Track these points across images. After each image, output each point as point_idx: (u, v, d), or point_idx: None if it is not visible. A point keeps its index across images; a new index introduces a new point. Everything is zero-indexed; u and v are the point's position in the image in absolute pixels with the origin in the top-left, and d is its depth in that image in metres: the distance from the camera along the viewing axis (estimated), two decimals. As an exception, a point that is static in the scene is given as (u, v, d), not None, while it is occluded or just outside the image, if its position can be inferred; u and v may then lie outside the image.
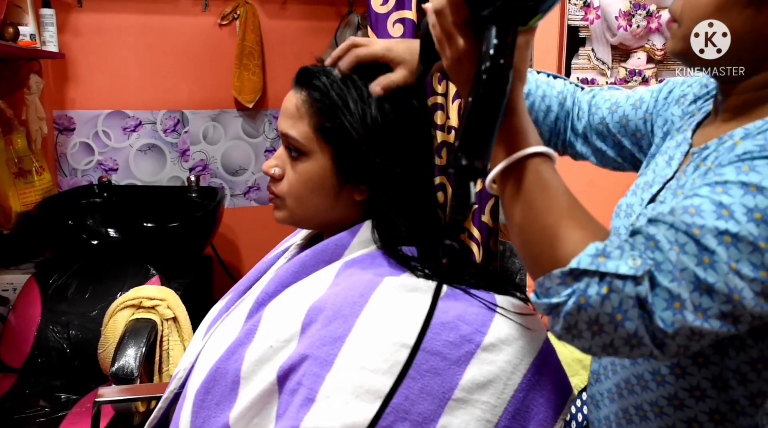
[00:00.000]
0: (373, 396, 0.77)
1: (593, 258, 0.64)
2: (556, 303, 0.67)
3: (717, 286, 0.64)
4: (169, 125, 3.12)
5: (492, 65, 0.62)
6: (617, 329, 0.65)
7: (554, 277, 0.66)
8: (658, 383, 0.85)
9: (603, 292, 0.64)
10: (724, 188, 0.67)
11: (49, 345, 2.20)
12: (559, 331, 0.68)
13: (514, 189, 0.70)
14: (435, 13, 0.70)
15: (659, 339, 0.65)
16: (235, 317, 0.96)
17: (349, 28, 3.19)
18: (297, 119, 0.93)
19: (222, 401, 0.87)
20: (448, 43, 0.70)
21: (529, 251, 0.71)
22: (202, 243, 2.85)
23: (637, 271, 0.63)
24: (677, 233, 0.66)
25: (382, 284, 0.85)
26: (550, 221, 0.68)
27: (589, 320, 0.65)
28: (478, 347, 0.82)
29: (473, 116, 0.62)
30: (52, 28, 2.62)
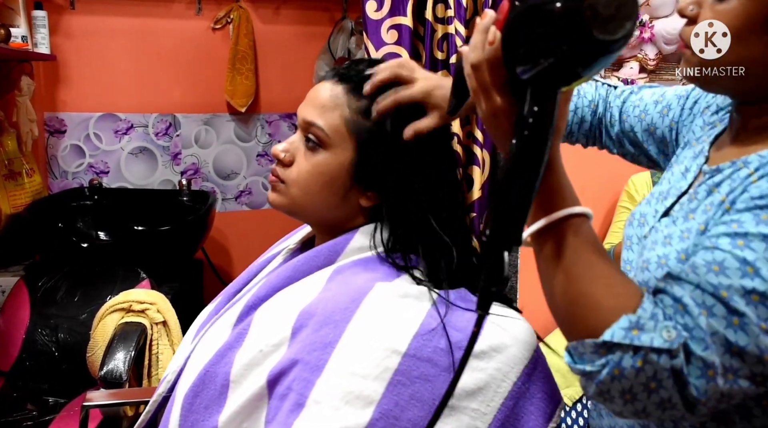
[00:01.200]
0: (363, 401, 0.77)
1: (627, 332, 0.64)
2: (590, 371, 0.66)
3: (748, 348, 0.63)
4: (161, 128, 3.11)
5: (531, 133, 0.60)
6: (650, 396, 0.65)
7: (588, 345, 0.66)
8: None
9: (637, 365, 0.64)
10: (746, 241, 0.66)
11: (38, 348, 2.19)
12: (591, 394, 0.68)
13: (549, 251, 0.69)
14: (472, 67, 0.68)
15: (691, 403, 0.65)
16: (225, 320, 0.95)
17: (342, 34, 3.20)
18: (329, 110, 0.92)
19: (211, 405, 0.87)
20: (484, 99, 0.68)
21: (563, 314, 0.71)
22: (193, 247, 2.84)
23: (672, 344, 0.63)
24: (704, 294, 0.65)
25: (373, 290, 0.85)
26: (585, 288, 0.67)
27: (623, 390, 0.65)
28: (469, 354, 0.82)
29: (511, 185, 0.61)
30: (44, 30, 2.61)
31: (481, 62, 0.67)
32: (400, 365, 0.79)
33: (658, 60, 2.37)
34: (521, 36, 0.61)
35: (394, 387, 0.78)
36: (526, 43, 0.60)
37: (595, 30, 0.54)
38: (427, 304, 0.85)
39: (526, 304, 2.30)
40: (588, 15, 0.54)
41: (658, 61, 2.37)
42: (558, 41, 0.56)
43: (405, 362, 0.79)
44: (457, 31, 2.18)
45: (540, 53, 0.59)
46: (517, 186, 0.61)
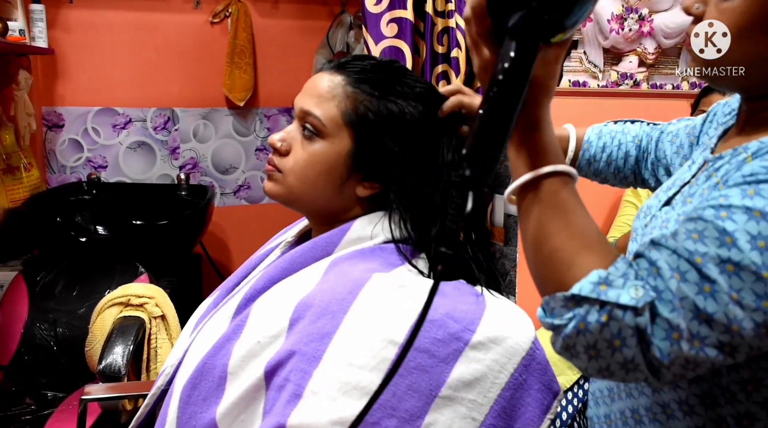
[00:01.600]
0: (360, 392, 0.77)
1: (595, 286, 0.65)
2: (558, 324, 0.67)
3: (716, 316, 0.63)
4: (160, 122, 3.10)
5: (504, 79, 0.61)
6: (614, 354, 0.65)
7: (558, 299, 0.67)
8: (653, 389, 0.85)
9: (602, 320, 0.64)
10: (728, 213, 0.66)
11: (36, 342, 2.19)
12: (558, 349, 0.69)
13: (530, 206, 0.70)
14: (465, 21, 0.70)
15: (655, 366, 0.65)
16: (223, 313, 0.95)
17: (341, 28, 3.19)
18: (326, 99, 0.93)
19: (209, 396, 0.87)
20: (475, 52, 0.70)
21: (538, 269, 0.71)
22: (191, 241, 2.84)
23: (638, 302, 0.64)
24: (679, 259, 0.66)
25: (370, 281, 0.85)
26: (560, 243, 0.68)
27: (587, 344, 0.66)
28: (466, 345, 0.82)
29: (481, 129, 0.61)
30: (42, 24, 2.61)
31: (469, 16, 0.68)
32: (397, 355, 0.79)
33: (658, 54, 2.36)
34: None
35: None
36: None
37: None
38: (425, 294, 0.85)
39: (525, 298, 2.31)
40: None
41: (658, 55, 2.37)
42: None
43: None
44: (458, 25, 2.18)
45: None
46: (486, 132, 0.60)
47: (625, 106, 2.35)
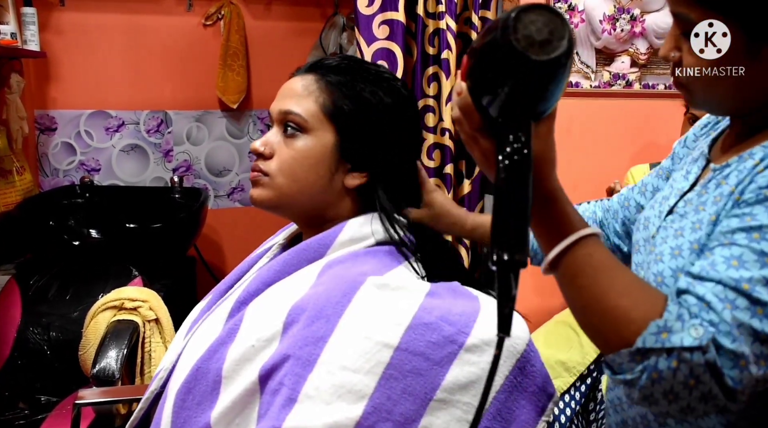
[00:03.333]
0: (354, 396, 0.77)
1: (657, 336, 0.67)
2: (631, 379, 0.69)
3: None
4: (153, 125, 3.10)
5: (510, 162, 0.63)
6: (692, 393, 0.68)
7: (624, 356, 0.69)
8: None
9: (673, 366, 0.67)
10: (761, 234, 0.69)
11: (30, 346, 2.18)
12: (636, 400, 0.71)
13: (569, 275, 0.73)
14: (455, 122, 0.73)
15: (730, 393, 0.67)
16: (216, 316, 0.95)
17: (334, 30, 3.19)
18: (303, 97, 0.95)
19: (203, 401, 0.86)
20: (473, 146, 0.73)
21: (594, 331, 0.74)
22: (185, 244, 2.83)
23: (701, 341, 0.66)
24: (725, 290, 0.68)
25: (365, 284, 0.84)
26: (609, 302, 0.70)
27: (664, 391, 0.68)
28: (461, 348, 0.82)
29: (499, 214, 0.63)
30: (34, 27, 2.60)
31: (459, 116, 0.71)
32: (392, 359, 0.79)
33: (649, 54, 2.37)
34: (480, 79, 0.66)
35: (386, 381, 0.78)
36: (484, 84, 0.65)
37: (533, 54, 0.59)
38: (420, 297, 0.85)
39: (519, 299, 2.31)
40: (523, 43, 0.59)
41: (649, 55, 2.37)
42: (507, 72, 0.61)
43: (397, 356, 0.79)
44: (449, 27, 2.18)
45: (497, 87, 0.63)
46: (506, 216, 0.63)
47: (617, 106, 2.36)
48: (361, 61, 1.01)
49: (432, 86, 2.23)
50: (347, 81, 0.95)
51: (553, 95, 0.64)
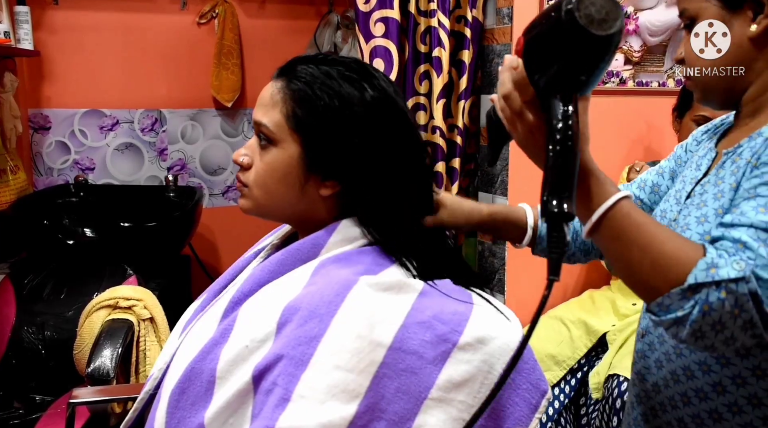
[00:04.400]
0: (348, 395, 0.77)
1: (706, 272, 0.75)
2: (682, 315, 0.76)
3: None
4: (147, 124, 3.09)
5: (564, 123, 0.73)
6: (736, 321, 0.75)
7: (674, 295, 0.76)
8: (703, 372, 0.93)
9: (722, 296, 0.74)
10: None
11: (24, 345, 2.18)
12: (685, 337, 0.78)
13: (611, 234, 0.80)
14: (503, 97, 0.82)
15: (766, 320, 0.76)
16: (210, 316, 0.95)
17: (328, 28, 3.19)
18: (270, 107, 0.93)
19: (197, 401, 0.86)
20: (519, 121, 0.81)
21: (642, 281, 0.80)
22: (180, 243, 2.83)
23: (744, 272, 0.74)
24: (757, 231, 0.77)
25: (358, 284, 0.85)
26: (655, 252, 0.78)
27: (713, 322, 0.75)
28: (454, 346, 0.82)
29: (552, 172, 0.73)
30: (27, 26, 2.59)
31: (509, 91, 0.80)
32: (385, 358, 0.79)
33: (643, 52, 2.38)
34: (538, 53, 0.75)
35: (380, 380, 0.78)
36: (542, 57, 0.74)
37: (592, 29, 0.68)
38: (413, 296, 0.85)
39: (514, 296, 2.32)
40: (584, 20, 0.68)
41: (643, 52, 2.38)
42: (566, 45, 0.70)
43: (390, 355, 0.79)
44: (441, 23, 2.18)
45: (555, 60, 0.72)
46: (562, 170, 0.73)
47: (611, 103, 2.36)
48: (330, 61, 0.95)
49: (423, 84, 2.24)
50: (309, 89, 0.92)
51: (601, 72, 0.74)
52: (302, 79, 0.92)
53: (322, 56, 0.96)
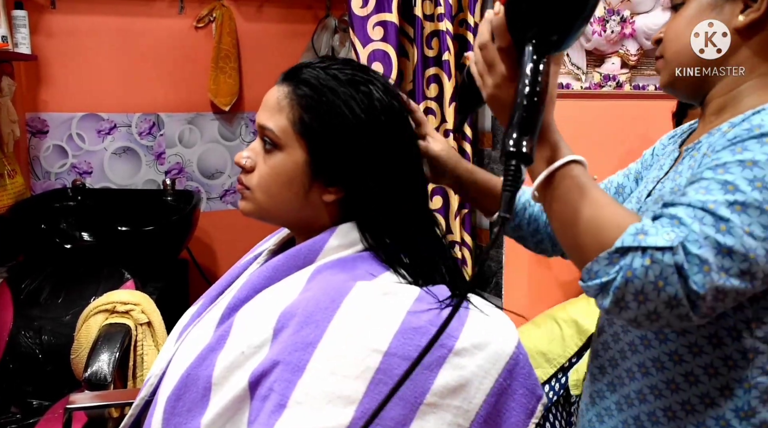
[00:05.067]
0: (344, 401, 0.77)
1: (635, 237, 0.74)
2: (606, 282, 0.76)
3: (735, 248, 0.74)
4: (145, 127, 3.09)
5: (534, 69, 0.75)
6: (660, 294, 0.74)
7: (602, 259, 0.76)
8: (660, 341, 0.93)
9: (646, 263, 0.73)
10: (725, 169, 0.78)
11: (21, 350, 2.18)
12: (607, 305, 0.77)
13: (557, 192, 0.82)
14: (479, 47, 0.83)
15: (693, 300, 0.74)
16: (206, 322, 0.95)
17: (326, 32, 3.19)
18: (276, 112, 0.93)
19: (193, 407, 0.86)
20: (489, 73, 0.83)
21: (575, 243, 0.81)
22: (177, 247, 2.83)
23: (672, 243, 0.73)
24: (694, 210, 0.76)
25: (354, 289, 0.85)
26: (590, 213, 0.79)
27: (636, 291, 0.74)
28: (450, 351, 0.82)
29: (521, 110, 0.75)
30: (25, 30, 2.59)
31: (486, 41, 0.82)
32: (381, 364, 0.79)
33: (640, 56, 2.38)
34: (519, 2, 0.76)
35: (376, 386, 0.78)
36: (525, 4, 0.75)
37: None
38: (408, 301, 0.85)
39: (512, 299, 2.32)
40: None
41: (640, 56, 2.38)
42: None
43: (386, 360, 0.79)
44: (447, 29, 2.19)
45: (535, 5, 0.74)
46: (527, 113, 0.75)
47: (608, 107, 2.37)
48: (338, 65, 0.95)
49: (432, 88, 2.24)
50: (316, 95, 0.91)
51: (577, 31, 0.76)
52: (309, 84, 0.92)
53: (328, 61, 0.96)
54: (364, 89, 0.92)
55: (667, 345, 0.92)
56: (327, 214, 0.96)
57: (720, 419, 0.88)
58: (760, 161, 0.77)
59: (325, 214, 0.96)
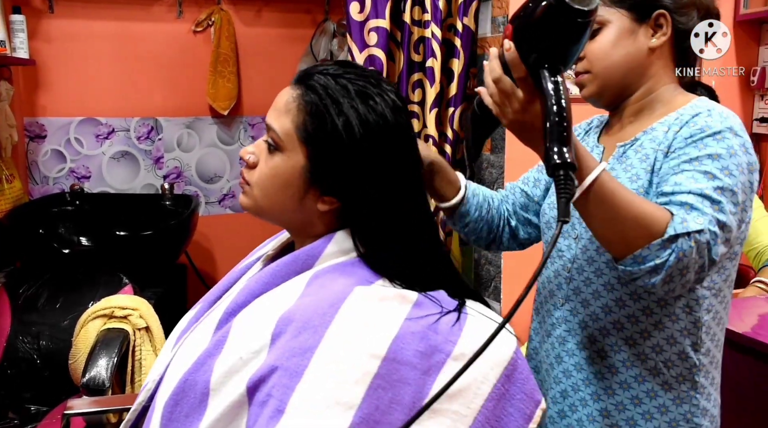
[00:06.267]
0: (342, 407, 0.77)
1: (681, 225, 0.90)
2: (658, 264, 0.90)
3: (727, 222, 0.94)
4: (143, 132, 3.09)
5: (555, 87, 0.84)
6: (695, 266, 0.92)
7: (654, 246, 0.90)
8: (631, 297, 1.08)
9: (692, 244, 0.90)
10: (699, 162, 0.97)
11: (19, 356, 2.17)
12: (658, 282, 0.92)
13: (599, 198, 0.92)
14: (494, 81, 0.92)
15: (710, 265, 0.93)
16: (204, 327, 0.94)
17: (324, 36, 3.19)
18: (283, 113, 0.92)
19: (191, 413, 0.86)
20: (510, 101, 0.91)
21: (621, 237, 0.93)
22: (176, 252, 2.82)
23: (703, 225, 0.91)
24: (695, 196, 0.94)
25: (352, 295, 0.84)
26: (637, 209, 0.92)
27: (683, 267, 0.91)
28: (448, 356, 0.82)
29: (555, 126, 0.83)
30: (23, 35, 2.59)
31: (499, 74, 0.90)
32: (379, 369, 0.79)
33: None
34: (529, 31, 0.85)
35: (374, 391, 0.78)
36: (533, 34, 0.84)
37: (575, 4, 0.79)
38: (407, 306, 0.85)
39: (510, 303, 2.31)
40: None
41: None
42: (553, 21, 0.81)
43: (384, 365, 0.79)
44: (434, 35, 2.19)
45: (544, 36, 0.83)
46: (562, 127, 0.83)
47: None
48: (352, 74, 0.93)
49: (416, 93, 2.25)
50: (323, 103, 0.90)
51: (580, 49, 0.86)
52: (318, 91, 0.91)
53: (343, 68, 0.93)
54: (372, 103, 0.90)
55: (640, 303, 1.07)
56: (321, 222, 0.95)
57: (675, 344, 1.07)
58: (721, 154, 0.97)
59: (319, 222, 0.95)
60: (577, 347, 1.13)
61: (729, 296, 1.13)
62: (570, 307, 1.14)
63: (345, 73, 0.92)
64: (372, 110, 0.90)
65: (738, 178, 0.97)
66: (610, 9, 1.09)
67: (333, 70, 0.92)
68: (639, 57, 1.09)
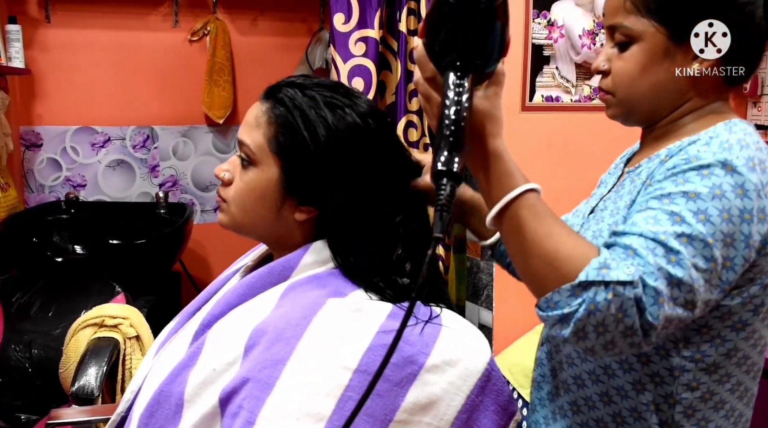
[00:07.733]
0: (313, 418, 0.77)
1: (598, 271, 0.74)
2: (567, 313, 0.76)
3: (684, 279, 0.77)
4: (139, 140, 3.10)
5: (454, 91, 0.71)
6: (618, 326, 0.75)
7: (564, 291, 0.76)
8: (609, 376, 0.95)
9: (609, 297, 0.74)
10: (670, 199, 0.81)
11: (11, 364, 2.17)
12: (567, 335, 0.77)
13: (513, 225, 0.79)
14: (415, 85, 0.80)
15: (646, 330, 0.76)
16: (181, 339, 0.95)
17: (320, 45, 3.20)
18: (253, 128, 0.94)
19: (166, 424, 0.86)
20: (428, 103, 0.78)
21: (535, 274, 0.79)
22: (169, 260, 2.83)
23: (633, 276, 0.74)
24: (647, 240, 0.78)
25: (325, 306, 0.85)
26: (552, 245, 0.77)
27: (597, 323, 0.75)
28: (421, 368, 0.82)
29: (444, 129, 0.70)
30: (18, 44, 2.61)
31: (418, 78, 0.78)
32: (351, 381, 0.79)
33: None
34: (434, 30, 0.73)
35: (345, 403, 0.78)
36: (439, 34, 0.72)
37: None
38: (380, 318, 0.85)
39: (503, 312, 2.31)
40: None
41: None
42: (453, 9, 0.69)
43: (356, 378, 0.79)
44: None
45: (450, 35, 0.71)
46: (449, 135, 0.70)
47: (597, 120, 2.35)
48: (320, 87, 0.94)
49: (414, 102, 2.25)
50: (291, 116, 0.91)
51: (491, 49, 0.72)
52: (286, 104, 0.92)
53: (309, 80, 0.95)
54: (340, 112, 0.91)
55: (603, 359, 0.94)
56: (299, 232, 0.96)
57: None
58: (701, 193, 0.80)
59: (297, 232, 0.96)
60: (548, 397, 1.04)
61: (743, 380, 0.93)
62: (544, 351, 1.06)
63: (313, 85, 0.94)
64: (341, 118, 0.91)
65: (718, 227, 0.79)
66: (641, 19, 0.91)
67: (300, 82, 0.94)
68: (673, 86, 0.93)
